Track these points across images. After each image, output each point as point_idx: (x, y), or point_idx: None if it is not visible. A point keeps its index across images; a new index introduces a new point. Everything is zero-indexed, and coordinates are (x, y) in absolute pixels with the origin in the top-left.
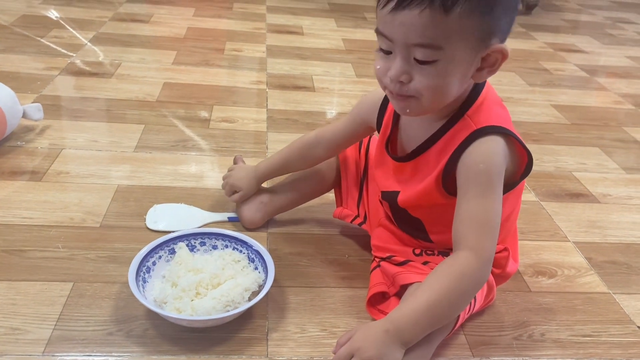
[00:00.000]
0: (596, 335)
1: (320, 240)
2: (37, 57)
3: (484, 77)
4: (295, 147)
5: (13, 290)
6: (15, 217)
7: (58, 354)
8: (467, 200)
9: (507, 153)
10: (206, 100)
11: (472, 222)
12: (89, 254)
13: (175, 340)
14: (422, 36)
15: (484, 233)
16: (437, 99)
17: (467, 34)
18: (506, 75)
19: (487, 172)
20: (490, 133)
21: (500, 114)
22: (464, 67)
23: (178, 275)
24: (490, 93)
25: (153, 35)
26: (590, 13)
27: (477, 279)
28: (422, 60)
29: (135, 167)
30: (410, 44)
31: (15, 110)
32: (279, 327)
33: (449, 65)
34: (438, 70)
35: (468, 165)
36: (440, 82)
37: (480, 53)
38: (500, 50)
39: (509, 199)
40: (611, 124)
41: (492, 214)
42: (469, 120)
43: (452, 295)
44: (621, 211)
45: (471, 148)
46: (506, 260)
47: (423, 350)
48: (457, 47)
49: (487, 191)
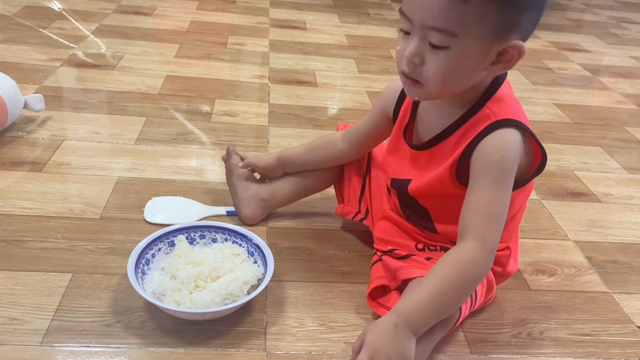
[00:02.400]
0: (595, 334)
1: (320, 235)
2: (40, 48)
3: (497, 72)
4: (320, 140)
5: (12, 280)
6: (15, 207)
7: (56, 344)
8: (479, 190)
9: (522, 148)
10: (208, 93)
11: (481, 211)
12: (88, 245)
13: (174, 333)
14: (439, 20)
15: (492, 224)
16: (444, 87)
17: (483, 25)
18: (509, 74)
19: (502, 164)
20: (509, 126)
21: (518, 109)
22: (476, 59)
23: (177, 267)
24: (509, 88)
25: (156, 28)
26: (595, 12)
27: (481, 268)
28: (436, 45)
29: (136, 159)
30: (427, 26)
31: (16, 100)
32: (278, 321)
33: (461, 54)
34: (449, 57)
35: (483, 154)
36: (450, 69)
37: (496, 47)
38: (517, 48)
39: (518, 197)
40: (614, 124)
41: (501, 206)
42: (489, 111)
43: (458, 284)
44: (622, 211)
45: (488, 138)
46: (507, 259)
47: (423, 346)
48: (472, 37)
49: (499, 183)
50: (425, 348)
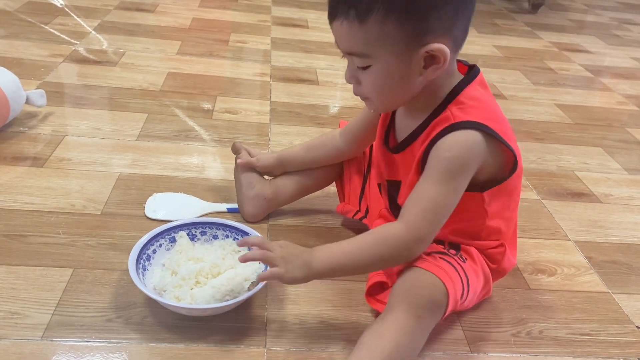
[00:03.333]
0: (594, 334)
1: (321, 233)
2: (42, 44)
3: (433, 75)
4: (319, 138)
5: (13, 275)
6: (17, 202)
7: (57, 339)
8: (423, 182)
9: (483, 149)
10: (210, 91)
11: (418, 201)
12: (89, 241)
13: (174, 329)
14: (349, 46)
15: (424, 215)
16: (385, 99)
17: (390, 39)
18: (511, 74)
19: (449, 161)
20: (467, 127)
21: (485, 110)
22: (401, 69)
23: (178, 263)
24: (478, 88)
25: (158, 25)
26: (596, 13)
27: (398, 249)
28: (359, 66)
29: (138, 155)
30: (346, 53)
31: (18, 95)
32: (278, 318)
33: (383, 69)
34: (375, 74)
35: (435, 152)
36: (380, 84)
37: (414, 54)
38: (439, 50)
39: (500, 194)
40: (614, 125)
41: (440, 202)
42: (449, 114)
43: (367, 253)
44: (623, 211)
45: (444, 138)
46: (502, 255)
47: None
48: (385, 52)
49: (443, 179)
50: (418, 337)
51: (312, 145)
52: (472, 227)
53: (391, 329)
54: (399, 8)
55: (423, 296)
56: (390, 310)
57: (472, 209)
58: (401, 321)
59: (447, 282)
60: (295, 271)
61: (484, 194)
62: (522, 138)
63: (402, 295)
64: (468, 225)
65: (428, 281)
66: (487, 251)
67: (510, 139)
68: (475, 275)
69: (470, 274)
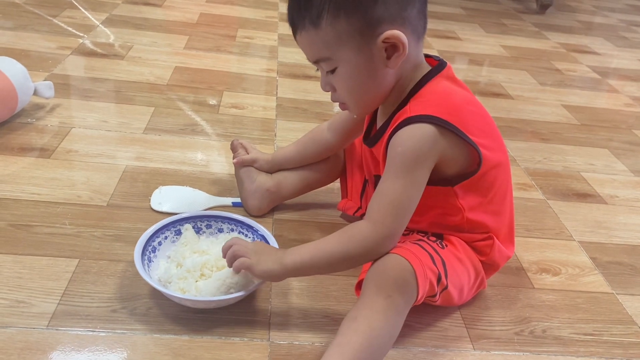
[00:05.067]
0: (598, 334)
1: (326, 228)
2: (49, 37)
3: (397, 63)
4: (309, 133)
5: (19, 264)
6: (24, 192)
7: (62, 328)
8: (384, 179)
9: (437, 142)
10: (216, 85)
11: (381, 199)
12: (95, 232)
13: (178, 320)
14: (312, 53)
15: (388, 210)
16: (359, 99)
17: (346, 36)
18: (517, 74)
19: (403, 156)
20: (419, 121)
21: (442, 103)
22: (365, 64)
23: (183, 256)
24: (444, 82)
25: (165, 19)
26: (605, 15)
27: (366, 247)
28: (328, 71)
29: (144, 148)
30: (312, 62)
31: (26, 87)
32: (282, 312)
33: (349, 68)
34: (343, 75)
35: (390, 147)
36: (350, 84)
37: (372, 46)
38: (393, 37)
39: (474, 187)
40: (621, 127)
41: (402, 196)
42: (407, 108)
43: (334, 251)
44: (628, 213)
45: (398, 133)
46: (490, 248)
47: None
48: (345, 50)
49: (400, 174)
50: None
51: (303, 142)
52: (451, 221)
53: (363, 311)
54: (345, 4)
55: (390, 276)
56: (362, 295)
57: (446, 204)
58: (372, 303)
59: (413, 261)
60: (267, 263)
61: (455, 188)
62: (528, 138)
63: (372, 278)
64: (446, 219)
65: (395, 262)
66: (473, 244)
67: (477, 131)
68: (457, 261)
69: (449, 259)
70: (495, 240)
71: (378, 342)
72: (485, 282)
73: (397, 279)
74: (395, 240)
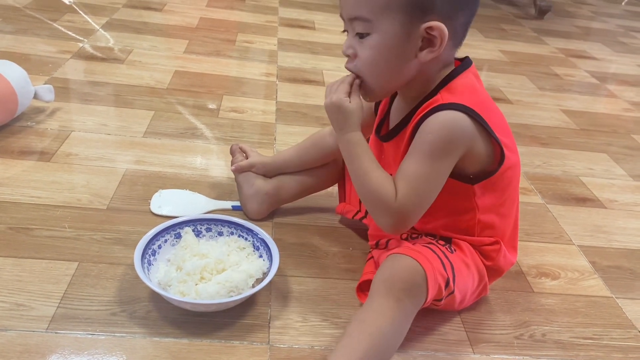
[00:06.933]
0: (597, 338)
1: (325, 232)
2: (50, 41)
3: (427, 58)
4: (310, 137)
5: (19, 267)
6: (24, 195)
7: (61, 331)
8: (408, 163)
9: (469, 131)
10: (216, 89)
11: (407, 181)
12: (94, 235)
13: (178, 323)
14: (353, 9)
15: (413, 192)
16: (379, 77)
17: (395, 7)
18: (517, 79)
19: (434, 142)
20: (453, 109)
21: (475, 97)
22: (398, 43)
23: (183, 259)
24: (472, 77)
25: (165, 23)
26: (603, 20)
27: (383, 206)
28: (360, 33)
29: (144, 152)
30: (349, 18)
31: (27, 90)
32: (282, 315)
33: (382, 39)
34: (373, 44)
35: (419, 134)
36: (376, 55)
37: (415, 29)
38: (438, 29)
39: (492, 187)
40: (620, 131)
41: (424, 181)
42: (439, 97)
43: (369, 177)
44: (627, 217)
45: (430, 118)
46: (497, 253)
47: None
48: (387, 21)
49: (428, 159)
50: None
51: (303, 147)
52: (463, 222)
53: (372, 314)
54: None
55: (401, 279)
56: (371, 296)
57: (463, 202)
58: (381, 305)
59: (425, 265)
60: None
61: (475, 187)
62: (528, 143)
63: (381, 280)
64: (459, 219)
65: (406, 265)
66: (481, 248)
67: (498, 129)
68: (465, 267)
69: (457, 264)
70: (502, 245)
71: (385, 345)
72: (487, 288)
73: (407, 282)
74: (408, 224)
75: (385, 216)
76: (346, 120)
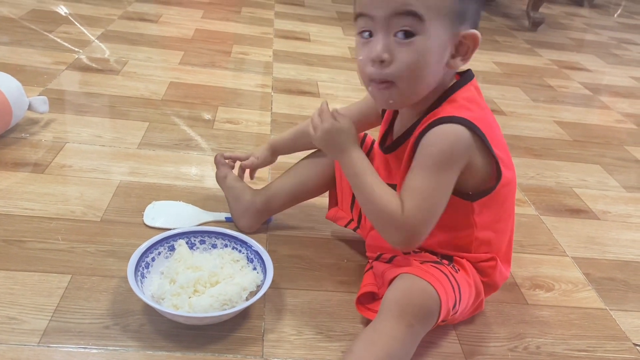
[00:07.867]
0: (591, 350)
1: (320, 244)
2: (45, 52)
3: (457, 65)
4: (307, 120)
5: (11, 280)
6: (17, 207)
7: (53, 345)
8: (412, 177)
9: (470, 144)
10: (211, 101)
11: (413, 194)
12: (88, 248)
13: (171, 337)
14: (405, 2)
15: (416, 203)
16: (414, 82)
17: (443, 11)
18: (510, 90)
19: (435, 155)
20: (453, 122)
21: (476, 111)
22: (440, 48)
23: (177, 272)
24: (473, 90)
25: (161, 35)
26: (596, 33)
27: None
28: (405, 30)
29: (138, 163)
30: (392, 14)
31: (21, 102)
32: (276, 329)
33: (427, 42)
34: (420, 48)
35: (421, 147)
36: (418, 60)
37: (455, 35)
38: (472, 36)
39: (490, 204)
40: (613, 143)
41: (433, 194)
42: (441, 109)
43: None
44: (620, 229)
45: (431, 131)
46: (493, 269)
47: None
48: (438, 23)
49: (432, 172)
50: (408, 346)
51: (301, 131)
52: (460, 239)
53: (382, 337)
54: None
55: (415, 304)
56: (382, 318)
57: (462, 218)
58: (393, 329)
59: (439, 289)
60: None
61: (474, 204)
62: (521, 154)
63: (394, 302)
64: (456, 236)
65: (420, 288)
66: (479, 264)
67: (497, 146)
68: (467, 286)
69: (462, 284)
70: (498, 261)
71: None
72: (483, 304)
73: (422, 307)
74: (418, 239)
75: (394, 232)
76: (345, 139)
